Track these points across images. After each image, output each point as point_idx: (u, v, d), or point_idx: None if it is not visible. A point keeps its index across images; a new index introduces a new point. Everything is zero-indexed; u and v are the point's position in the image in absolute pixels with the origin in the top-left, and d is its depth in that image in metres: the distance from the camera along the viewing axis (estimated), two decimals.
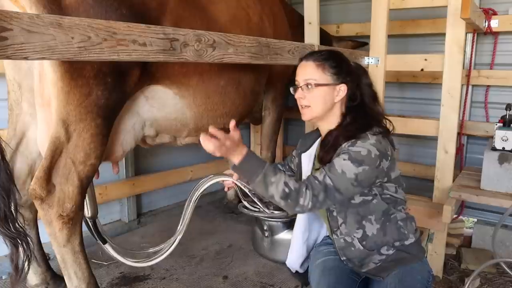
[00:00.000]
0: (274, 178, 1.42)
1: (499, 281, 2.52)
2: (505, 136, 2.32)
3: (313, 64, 1.60)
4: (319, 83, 1.58)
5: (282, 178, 1.43)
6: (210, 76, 2.16)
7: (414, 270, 1.58)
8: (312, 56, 1.64)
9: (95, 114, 1.65)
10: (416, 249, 1.63)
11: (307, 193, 1.42)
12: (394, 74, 3.47)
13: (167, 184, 3.43)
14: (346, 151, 1.47)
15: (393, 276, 1.56)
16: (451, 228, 3.03)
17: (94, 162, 1.72)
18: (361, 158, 1.45)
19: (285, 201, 1.43)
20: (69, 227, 1.70)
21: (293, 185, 1.42)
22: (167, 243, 1.93)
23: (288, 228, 2.50)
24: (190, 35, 1.48)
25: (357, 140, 1.49)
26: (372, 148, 1.47)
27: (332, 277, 1.60)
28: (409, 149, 3.63)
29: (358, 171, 1.44)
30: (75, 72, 1.56)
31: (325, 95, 1.58)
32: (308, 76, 1.59)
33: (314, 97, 1.58)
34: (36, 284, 2.14)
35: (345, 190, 1.45)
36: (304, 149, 1.80)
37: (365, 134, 1.51)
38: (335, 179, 1.44)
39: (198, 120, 2.22)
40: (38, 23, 1.08)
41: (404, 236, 1.60)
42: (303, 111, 1.63)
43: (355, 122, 1.59)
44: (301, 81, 1.61)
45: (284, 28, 2.96)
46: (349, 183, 1.45)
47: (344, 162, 1.45)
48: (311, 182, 1.45)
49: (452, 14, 2.42)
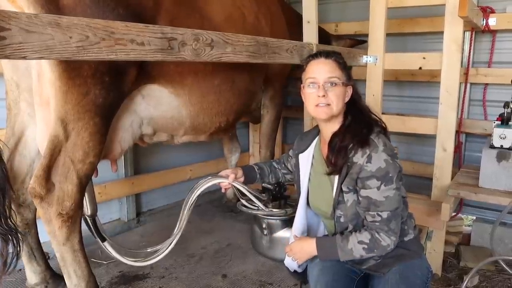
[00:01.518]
0: (349, 245, 1.51)
1: (498, 279, 2.53)
2: (503, 134, 2.33)
3: (335, 63, 1.61)
4: (344, 82, 1.59)
5: (354, 239, 1.51)
6: (205, 75, 2.17)
7: (415, 266, 1.61)
8: (331, 55, 1.64)
9: (93, 113, 1.66)
10: (415, 245, 1.66)
11: (380, 235, 1.50)
12: (393, 72, 3.47)
13: (166, 183, 3.43)
14: (371, 175, 1.49)
15: (393, 271, 1.58)
16: (450, 226, 3.04)
17: (93, 160, 1.73)
18: (385, 172, 1.49)
19: (373, 252, 1.51)
20: (68, 226, 1.71)
21: (366, 238, 1.50)
22: (164, 244, 1.94)
23: (287, 226, 2.50)
24: (188, 34, 1.48)
25: (370, 153, 1.50)
26: (385, 155, 1.50)
27: (330, 275, 1.61)
28: (407, 148, 3.64)
29: (395, 185, 1.50)
30: (73, 72, 1.57)
31: (343, 94, 1.60)
32: (333, 74, 1.58)
33: (336, 96, 1.57)
34: (36, 283, 2.15)
35: (399, 202, 1.54)
36: (301, 149, 1.80)
37: (371, 140, 1.52)
38: (387, 206, 1.50)
39: (194, 119, 2.23)
40: (36, 22, 1.08)
41: (404, 232, 1.63)
42: (322, 109, 1.57)
43: (356, 121, 1.60)
44: (322, 79, 1.58)
45: (282, 27, 2.96)
46: (396, 197, 1.51)
47: (380, 191, 1.49)
48: (374, 226, 1.51)
49: (450, 12, 2.43)
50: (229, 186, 1.88)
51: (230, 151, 3.58)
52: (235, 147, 3.58)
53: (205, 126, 2.33)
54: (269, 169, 2.02)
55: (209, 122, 2.32)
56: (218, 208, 3.59)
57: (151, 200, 3.45)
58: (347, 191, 1.56)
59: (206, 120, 2.29)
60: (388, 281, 1.57)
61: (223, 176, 1.87)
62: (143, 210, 3.39)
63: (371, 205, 1.50)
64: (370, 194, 1.50)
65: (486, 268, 2.60)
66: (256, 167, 1.99)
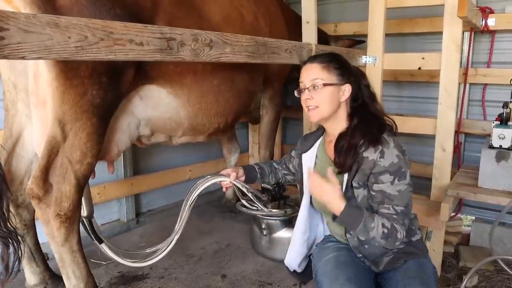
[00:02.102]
0: (373, 223, 1.50)
1: (497, 279, 2.53)
2: (502, 134, 2.33)
3: (319, 65, 1.64)
4: (326, 83, 1.61)
5: (379, 221, 1.50)
6: (204, 76, 2.16)
7: (425, 263, 1.63)
8: (316, 58, 1.69)
9: (90, 113, 1.66)
10: (421, 245, 1.69)
11: (397, 227, 1.51)
12: (392, 73, 3.47)
13: (165, 184, 3.43)
14: (384, 170, 1.52)
15: (411, 262, 1.60)
16: (449, 226, 3.04)
17: (90, 161, 1.72)
18: (398, 167, 1.52)
19: (386, 240, 1.51)
20: (66, 226, 1.70)
21: (388, 223, 1.51)
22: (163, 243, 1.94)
23: (286, 226, 2.51)
24: (187, 35, 1.48)
25: (382, 148, 1.52)
26: (397, 151, 1.54)
27: (349, 269, 1.59)
28: (407, 148, 3.52)
29: (407, 180, 1.54)
30: (70, 72, 1.57)
31: (332, 95, 1.61)
32: (315, 76, 1.62)
33: (321, 97, 1.61)
34: (35, 284, 2.14)
35: (410, 200, 1.58)
36: (305, 149, 1.81)
37: (383, 137, 1.55)
38: (400, 201, 1.52)
39: (193, 119, 2.22)
40: (35, 22, 1.08)
41: (412, 232, 1.65)
42: (311, 112, 1.64)
43: (364, 122, 1.61)
44: (307, 83, 1.64)
45: (281, 27, 2.95)
46: (407, 193, 1.55)
47: (394, 185, 1.52)
48: (391, 218, 1.52)
49: (449, 12, 2.43)
50: (230, 185, 1.87)
51: (229, 151, 3.57)
52: (234, 148, 3.58)
53: (203, 127, 2.32)
54: (270, 169, 2.02)
55: (208, 122, 2.31)
56: (217, 209, 3.58)
57: (151, 200, 3.44)
58: (357, 187, 1.58)
59: (205, 121, 2.28)
60: (408, 268, 1.58)
61: (224, 175, 1.87)
62: (142, 210, 3.38)
63: (386, 198, 1.53)
64: (384, 188, 1.52)
65: (485, 268, 2.60)
66: (257, 166, 1.99)
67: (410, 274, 1.55)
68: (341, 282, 1.52)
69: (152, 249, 1.97)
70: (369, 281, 1.62)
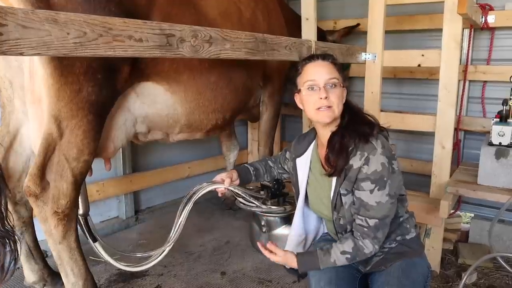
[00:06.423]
0: (332, 258, 1.51)
1: (496, 276, 2.53)
2: (501, 131, 2.32)
3: (332, 64, 1.59)
4: (342, 83, 1.57)
5: (336, 251, 1.51)
6: (201, 72, 2.15)
7: (416, 264, 1.61)
8: (328, 57, 1.62)
9: (86, 110, 1.65)
10: (416, 243, 1.66)
11: (365, 242, 1.49)
12: (391, 70, 3.46)
13: (164, 181, 3.42)
14: (366, 177, 1.47)
15: (396, 266, 1.58)
16: (448, 223, 3.04)
17: (87, 158, 1.72)
18: (380, 176, 1.46)
19: (355, 259, 1.52)
20: (64, 224, 1.70)
21: (348, 247, 1.50)
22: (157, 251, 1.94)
23: (285, 223, 2.50)
24: (186, 31, 1.47)
25: (368, 155, 1.47)
26: (383, 158, 1.48)
27: (333, 273, 1.60)
28: (406, 145, 3.63)
29: (387, 190, 1.48)
30: (65, 69, 1.55)
31: (342, 96, 1.58)
32: (332, 75, 1.55)
33: (336, 97, 1.54)
34: (34, 281, 2.14)
35: (390, 211, 1.51)
36: (299, 153, 1.77)
37: (369, 142, 1.50)
38: (377, 212, 1.48)
39: (190, 116, 2.21)
40: (33, 18, 1.07)
41: (406, 230, 1.63)
42: (325, 112, 1.53)
43: (355, 120, 1.58)
44: (321, 81, 1.54)
45: (280, 24, 2.94)
46: (388, 204, 1.49)
47: (373, 195, 1.47)
48: (361, 231, 1.50)
49: (449, 9, 2.42)
50: (225, 191, 1.87)
51: (229, 149, 3.56)
52: (234, 145, 3.57)
53: (201, 124, 2.31)
54: (264, 169, 1.99)
55: (206, 119, 2.30)
56: (216, 206, 3.58)
57: (150, 198, 3.44)
58: (345, 193, 1.54)
59: (202, 118, 2.26)
60: (390, 274, 1.57)
61: (219, 181, 1.85)
62: (141, 208, 3.38)
63: (362, 207, 1.49)
64: (362, 196, 1.49)
65: (484, 265, 2.60)
66: (251, 168, 1.96)
67: (391, 281, 1.55)
68: (322, 285, 1.58)
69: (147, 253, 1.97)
70: (352, 284, 1.64)
